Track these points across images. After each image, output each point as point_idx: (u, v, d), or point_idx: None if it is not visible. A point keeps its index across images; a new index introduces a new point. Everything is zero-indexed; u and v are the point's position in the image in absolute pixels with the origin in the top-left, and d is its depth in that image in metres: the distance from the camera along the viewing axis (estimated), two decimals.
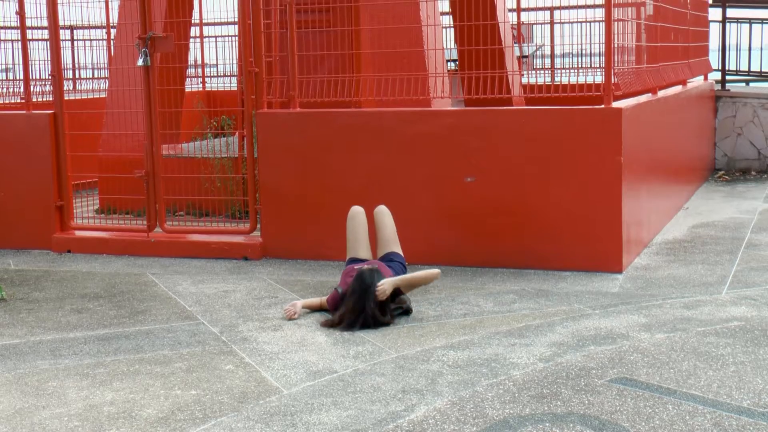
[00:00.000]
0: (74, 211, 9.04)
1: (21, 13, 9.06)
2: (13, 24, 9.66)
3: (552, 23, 14.01)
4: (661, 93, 9.32)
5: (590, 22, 10.59)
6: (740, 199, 10.62)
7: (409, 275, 6.40)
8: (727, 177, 12.29)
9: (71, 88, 12.91)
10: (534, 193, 7.44)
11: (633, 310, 6.26)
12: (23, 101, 9.14)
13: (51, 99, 9.01)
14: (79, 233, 8.87)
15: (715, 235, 8.67)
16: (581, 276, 7.23)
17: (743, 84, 14.57)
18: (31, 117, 8.96)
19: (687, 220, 9.43)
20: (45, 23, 8.98)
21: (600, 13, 7.54)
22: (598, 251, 7.34)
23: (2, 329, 6.24)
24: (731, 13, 13.75)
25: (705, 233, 8.78)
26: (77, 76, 13.64)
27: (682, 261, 7.68)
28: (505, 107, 8.07)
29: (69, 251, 8.70)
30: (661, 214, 9.08)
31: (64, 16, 8.99)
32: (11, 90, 10.54)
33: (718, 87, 13.22)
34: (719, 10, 13.51)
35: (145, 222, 8.61)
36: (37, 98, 9.71)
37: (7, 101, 10.49)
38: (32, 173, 8.89)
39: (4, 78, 11.27)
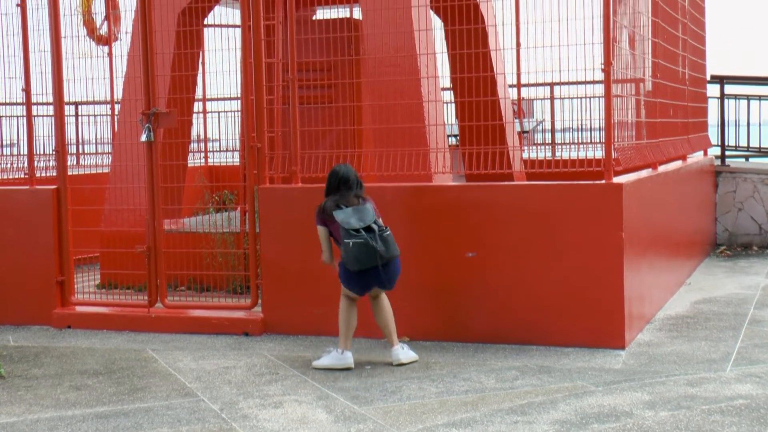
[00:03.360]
0: (75, 286, 9.02)
1: (27, 89, 9.17)
2: (19, 100, 9.74)
3: (552, 99, 14.13)
4: (662, 168, 9.35)
5: (590, 97, 10.70)
6: (742, 275, 10.59)
7: None
8: (728, 252, 12.28)
9: (75, 163, 12.98)
10: (535, 268, 7.43)
11: (636, 387, 6.21)
12: (27, 176, 9.19)
13: (54, 174, 9.06)
14: (79, 309, 8.84)
15: (717, 311, 8.63)
16: (584, 352, 7.18)
17: (743, 159, 14.64)
18: (35, 192, 9.00)
19: (689, 296, 9.40)
20: (50, 99, 9.06)
21: (600, 89, 7.61)
22: (601, 327, 7.30)
23: (0, 407, 6.18)
24: (729, 89, 13.87)
25: (708, 309, 8.75)
26: (81, 151, 13.73)
27: (686, 337, 7.64)
28: (506, 182, 8.11)
29: (69, 327, 8.66)
30: (663, 289, 9.05)
31: (69, 93, 9.07)
32: (15, 165, 10.59)
33: (718, 162, 13.28)
34: (717, 87, 13.63)
35: (146, 297, 8.59)
36: (40, 173, 9.77)
37: (11, 176, 10.54)
38: (34, 248, 8.90)
39: (9, 153, 11.34)
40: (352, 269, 6.78)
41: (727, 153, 13.78)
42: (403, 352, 6.94)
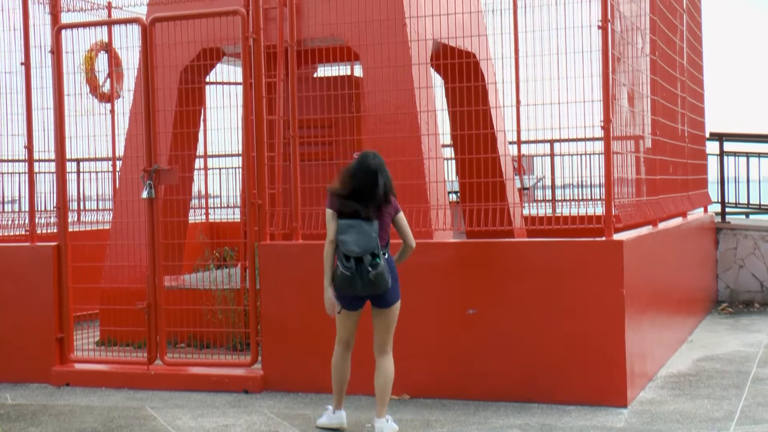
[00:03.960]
0: (74, 343, 8.99)
1: (29, 146, 9.22)
2: (22, 157, 9.79)
3: (552, 155, 14.19)
4: (662, 225, 9.36)
5: (590, 154, 10.74)
6: (744, 332, 10.54)
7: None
8: (730, 309, 12.24)
9: (76, 219, 13.00)
10: (536, 325, 7.41)
11: None
12: (28, 233, 9.20)
13: (55, 231, 9.07)
14: (78, 366, 8.79)
15: (720, 369, 8.57)
16: (585, 410, 7.12)
17: (743, 216, 14.65)
18: (35, 249, 9.00)
19: (691, 353, 9.35)
20: (52, 156, 9.11)
21: (599, 146, 7.65)
22: (602, 385, 7.26)
23: None
24: (729, 146, 13.93)
25: (710, 367, 8.69)
26: (82, 207, 13.75)
27: (688, 395, 7.58)
28: (506, 239, 8.11)
29: (68, 384, 8.60)
30: (665, 346, 9.01)
31: (71, 150, 9.12)
32: (17, 222, 10.60)
33: (719, 219, 13.29)
34: (717, 144, 13.69)
35: (145, 354, 8.55)
36: (41, 230, 9.78)
37: (12, 233, 10.55)
38: (34, 305, 8.88)
39: (10, 210, 11.36)
40: (337, 291, 6.55)
41: (728, 210, 13.79)
42: (387, 426, 6.61)
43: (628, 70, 8.27)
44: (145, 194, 8.48)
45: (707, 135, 13.28)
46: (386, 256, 6.54)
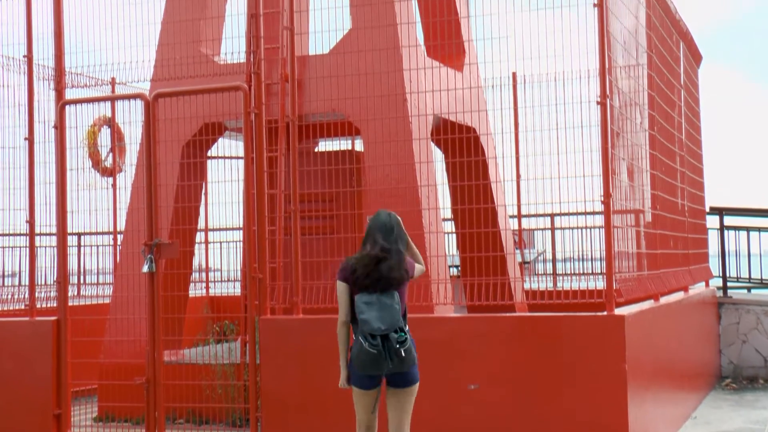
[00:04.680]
0: (72, 419, 8.89)
1: (31, 221, 9.25)
2: (23, 231, 9.81)
3: (553, 229, 14.21)
4: (664, 299, 9.33)
5: (590, 228, 10.75)
6: (749, 409, 10.43)
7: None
8: (734, 385, 12.12)
9: (76, 293, 12.97)
10: (538, 400, 7.33)
11: None
12: (27, 308, 9.17)
13: (55, 305, 9.04)
14: None
15: None
16: None
17: (745, 291, 14.61)
18: (35, 324, 8.96)
19: (695, 430, 9.24)
20: (53, 230, 9.12)
21: (600, 219, 7.66)
22: None
23: None
24: (729, 220, 13.96)
25: None
26: (82, 281, 13.72)
27: None
28: (507, 314, 8.08)
29: None
30: (668, 422, 8.91)
31: (73, 224, 9.14)
32: (16, 296, 10.58)
33: (720, 293, 13.26)
34: (717, 218, 13.72)
35: (144, 430, 8.45)
36: (41, 304, 9.74)
37: (11, 308, 10.52)
38: (32, 380, 8.81)
39: (10, 284, 11.34)
40: (357, 370, 6.03)
41: (729, 284, 13.77)
42: None
43: (628, 145, 8.33)
44: (145, 268, 8.47)
45: (707, 209, 13.32)
46: (407, 329, 6.05)
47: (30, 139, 9.39)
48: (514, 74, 12.53)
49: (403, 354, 5.91)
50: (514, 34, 7.96)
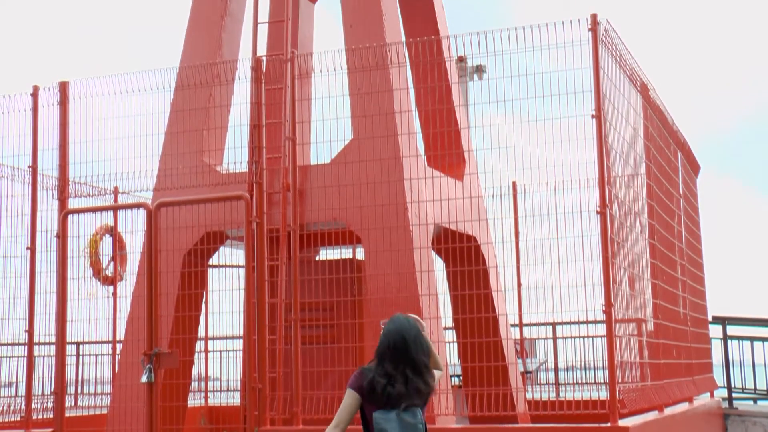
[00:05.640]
0: None
1: (30, 331, 9.21)
2: (22, 341, 9.76)
3: (555, 338, 14.13)
4: (668, 410, 9.21)
5: (592, 337, 10.70)
6: None
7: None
8: None
9: (73, 403, 12.81)
10: None
11: None
12: (23, 419, 9.05)
13: (52, 416, 8.92)
14: None
15: None
16: None
17: (751, 402, 14.44)
18: None
19: None
20: (52, 339, 9.07)
21: (602, 329, 7.63)
22: None
23: None
24: (732, 330, 13.88)
25: None
26: (80, 391, 13.57)
27: None
28: (510, 425, 7.98)
29: None
30: None
31: (72, 333, 9.09)
32: (12, 407, 10.45)
33: (726, 405, 13.09)
34: (720, 328, 13.65)
35: None
36: (37, 415, 9.62)
37: (7, 419, 10.38)
38: None
39: (6, 395, 11.23)
40: None
41: (735, 395, 13.60)
42: None
43: (628, 254, 8.34)
44: (144, 378, 8.39)
45: (710, 318, 13.25)
46: None
47: (32, 249, 9.42)
48: (514, 183, 12.62)
49: None
50: (514, 144, 8.06)
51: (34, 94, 9.87)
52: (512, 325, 11.92)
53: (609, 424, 7.21)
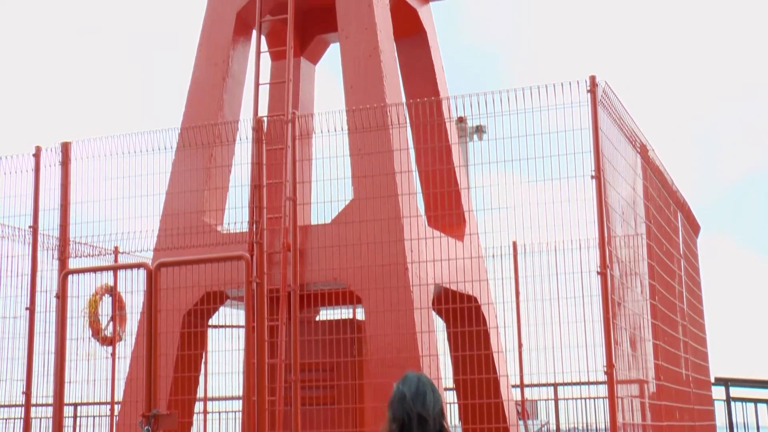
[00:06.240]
0: None
1: (27, 392, 9.13)
2: (19, 402, 9.68)
3: (556, 399, 14.03)
4: None
5: (594, 398, 10.62)
6: None
7: None
8: None
9: None
10: None
11: None
12: None
13: None
14: None
15: None
16: None
17: None
18: None
19: None
20: (50, 401, 9.00)
21: (603, 390, 7.57)
22: None
23: None
24: (735, 392, 13.78)
25: None
26: None
27: None
28: None
29: None
30: None
31: (70, 393, 9.02)
32: None
33: None
34: (723, 389, 13.55)
35: None
36: None
37: None
38: None
39: None
40: None
41: None
42: None
43: (629, 315, 8.31)
44: None
45: (713, 380, 13.16)
46: None
47: (31, 309, 9.39)
48: (514, 243, 12.62)
49: None
50: (514, 204, 8.08)
51: (36, 155, 9.91)
52: (513, 386, 11.83)
53: None
